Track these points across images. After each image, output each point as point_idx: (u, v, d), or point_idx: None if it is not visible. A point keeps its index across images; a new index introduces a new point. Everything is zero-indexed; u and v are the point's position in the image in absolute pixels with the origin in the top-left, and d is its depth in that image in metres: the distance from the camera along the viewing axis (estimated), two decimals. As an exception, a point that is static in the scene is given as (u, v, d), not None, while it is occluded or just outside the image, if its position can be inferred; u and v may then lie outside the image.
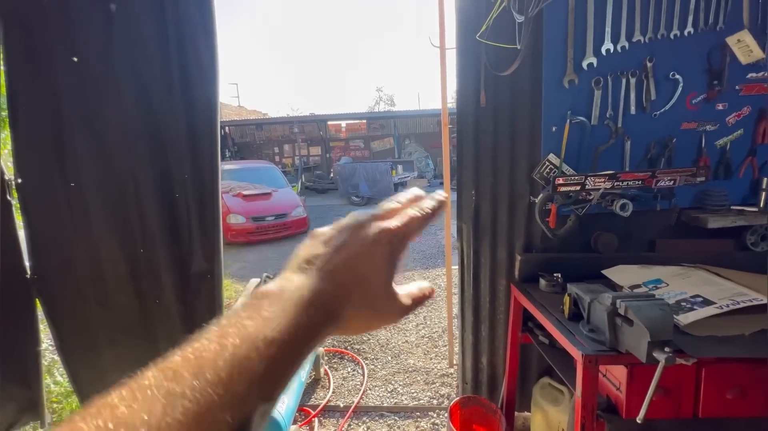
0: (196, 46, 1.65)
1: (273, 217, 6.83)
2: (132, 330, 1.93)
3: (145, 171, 1.76)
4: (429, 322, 3.46)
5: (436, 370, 2.70)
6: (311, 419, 2.24)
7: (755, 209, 1.60)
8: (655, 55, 1.57)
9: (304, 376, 2.12)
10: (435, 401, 2.37)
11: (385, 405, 2.37)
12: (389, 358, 2.90)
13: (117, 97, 1.71)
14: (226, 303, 3.45)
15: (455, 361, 2.38)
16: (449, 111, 2.07)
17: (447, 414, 1.84)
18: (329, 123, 15.76)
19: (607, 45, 1.57)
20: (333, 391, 2.52)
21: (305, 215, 7.26)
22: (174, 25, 1.64)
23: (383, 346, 3.08)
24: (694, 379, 1.18)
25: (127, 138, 1.74)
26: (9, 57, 1.63)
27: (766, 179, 1.60)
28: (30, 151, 1.71)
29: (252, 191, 7.29)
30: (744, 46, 1.44)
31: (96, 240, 1.82)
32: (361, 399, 2.43)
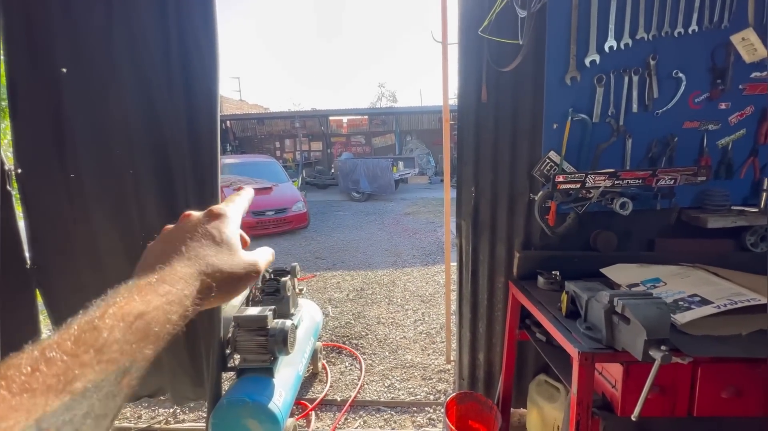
0: (196, 37, 1.64)
1: (273, 212, 6.84)
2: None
3: (145, 163, 1.76)
4: (427, 319, 3.47)
5: (433, 366, 2.71)
6: (308, 412, 2.26)
7: (756, 210, 1.59)
8: (659, 53, 1.56)
9: (301, 370, 2.13)
10: (432, 396, 2.39)
11: (382, 399, 2.38)
12: (387, 353, 2.91)
13: (117, 88, 1.70)
14: None
15: (452, 357, 2.39)
16: (451, 107, 2.06)
17: (443, 410, 1.85)
18: (331, 118, 15.71)
19: (611, 42, 1.56)
20: (330, 385, 2.53)
21: (305, 210, 7.26)
22: (174, 16, 1.63)
23: (381, 342, 3.09)
24: (689, 378, 1.18)
25: (128, 129, 1.73)
26: (9, 47, 1.62)
27: (767, 180, 1.59)
28: (30, 141, 1.71)
29: (252, 185, 7.27)
30: (749, 44, 1.43)
31: (95, 231, 1.82)
32: (359, 393, 2.44)
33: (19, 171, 1.70)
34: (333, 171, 13.35)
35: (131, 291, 0.30)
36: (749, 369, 1.16)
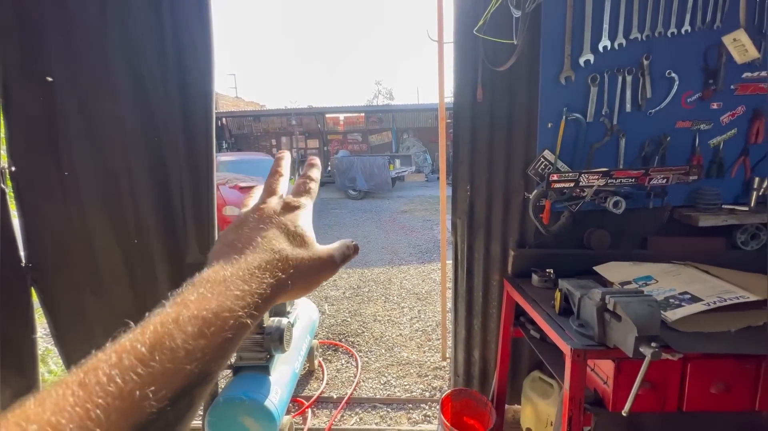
0: (191, 36, 1.63)
1: (270, 210, 6.81)
2: (127, 320, 1.93)
3: (140, 162, 1.76)
4: (423, 316, 3.48)
5: (429, 363, 2.73)
6: (305, 410, 2.27)
7: (746, 208, 1.62)
8: (652, 53, 1.58)
9: (298, 368, 2.14)
10: (427, 393, 2.40)
11: (378, 396, 2.39)
12: (383, 351, 2.93)
13: (111, 85, 1.69)
14: None
15: (448, 354, 2.41)
16: (447, 106, 2.07)
17: (438, 407, 1.87)
18: (327, 116, 15.66)
19: (605, 42, 1.57)
20: (327, 383, 2.54)
21: (302, 208, 7.24)
22: (169, 15, 1.62)
23: (377, 339, 3.11)
24: (679, 374, 1.20)
25: (122, 127, 1.73)
26: (1, 45, 1.61)
27: (757, 179, 1.62)
28: (23, 139, 1.70)
29: (248, 183, 7.25)
30: (740, 45, 1.45)
31: (90, 230, 1.81)
32: (355, 390, 2.45)
33: (13, 169, 1.69)
34: (329, 169, 13.32)
35: (205, 286, 0.28)
36: (737, 365, 1.18)
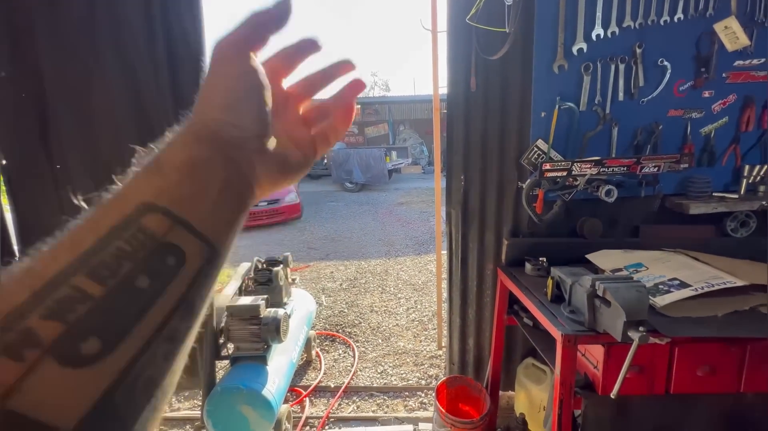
0: (182, 23, 1.62)
1: (266, 203, 6.79)
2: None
3: (132, 152, 1.74)
4: (419, 306, 3.52)
5: (425, 352, 2.76)
6: (302, 399, 2.30)
7: (736, 196, 1.64)
8: (645, 41, 1.58)
9: (295, 358, 2.16)
10: (423, 381, 2.44)
11: (375, 385, 2.43)
12: (380, 341, 2.96)
13: (102, 76, 1.67)
14: (218, 288, 3.43)
15: (444, 343, 2.44)
16: (441, 96, 2.07)
17: (434, 394, 1.90)
18: (323, 108, 15.54)
19: (598, 30, 1.57)
20: (324, 372, 2.57)
21: (298, 201, 7.23)
22: (159, 2, 1.60)
23: (374, 329, 3.14)
24: (667, 358, 1.23)
25: (114, 118, 1.71)
26: (-12, 34, 1.58)
27: (747, 166, 1.63)
28: (13, 132, 1.68)
29: (244, 176, 7.22)
30: (731, 32, 1.45)
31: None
32: (352, 379, 2.48)
33: (4, 162, 1.68)
34: (326, 161, 13.27)
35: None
36: (724, 348, 1.21)
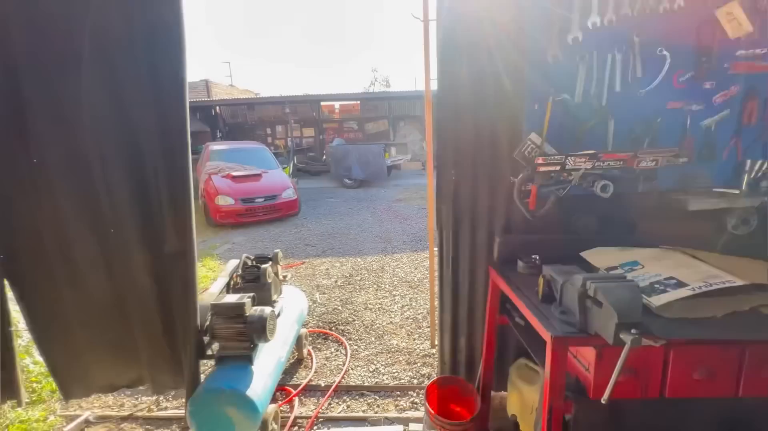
0: (161, 11, 1.55)
1: (263, 199, 6.75)
2: (105, 313, 1.90)
3: (113, 145, 1.69)
4: (414, 304, 3.47)
5: (418, 351, 2.72)
6: (292, 398, 2.26)
7: (737, 192, 1.57)
8: (643, 30, 1.51)
9: (284, 357, 2.12)
10: (416, 380, 2.40)
11: (366, 384, 2.38)
12: (373, 339, 2.91)
13: (78, 69, 1.61)
14: (202, 288, 3.39)
15: (437, 342, 2.39)
16: (434, 90, 2.00)
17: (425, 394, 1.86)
18: (323, 104, 15.44)
19: (594, 18, 1.50)
20: (315, 371, 2.53)
21: (296, 197, 7.18)
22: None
23: (368, 327, 3.09)
24: (662, 360, 1.17)
25: (93, 110, 1.65)
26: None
27: (749, 161, 1.57)
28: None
29: (241, 172, 7.18)
30: (733, 18, 1.38)
31: (64, 220, 1.76)
32: (343, 378, 2.44)
33: (-21, 156, 1.62)
34: (325, 157, 13.20)
35: None
36: (722, 350, 1.15)
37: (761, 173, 1.55)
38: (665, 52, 1.52)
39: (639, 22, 1.50)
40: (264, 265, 2.22)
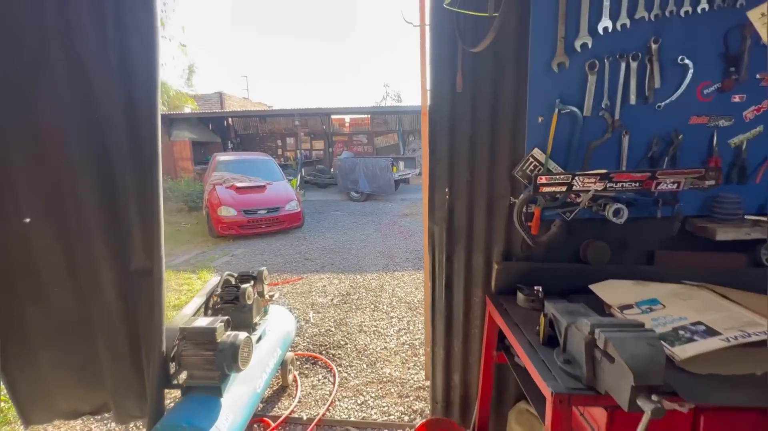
0: (134, 14, 1.45)
1: (265, 211, 6.66)
2: (69, 333, 1.77)
3: (81, 153, 1.58)
4: (412, 328, 3.25)
5: (412, 382, 2.50)
6: (270, 432, 2.06)
7: (773, 220, 1.37)
8: (662, 36, 1.34)
9: (260, 387, 1.93)
10: (407, 417, 2.18)
11: (352, 419, 2.18)
12: (364, 366, 2.71)
13: (48, 74, 1.52)
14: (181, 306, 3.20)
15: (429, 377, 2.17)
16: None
17: (411, 438, 1.65)
18: (333, 117, 15.52)
19: (605, 22, 1.34)
20: (299, 400, 2.33)
21: (299, 209, 7.07)
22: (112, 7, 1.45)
23: (360, 352, 2.89)
24: (690, 427, 0.96)
25: (62, 114, 1.55)
26: None
27: (787, 185, 1.36)
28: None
29: (245, 183, 7.12)
30: (769, 22, 1.21)
31: (28, 231, 1.64)
32: (328, 411, 2.24)
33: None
34: (333, 170, 13.17)
35: None
36: (763, 418, 0.94)
37: (802, 199, 1.35)
38: (687, 60, 1.35)
39: (657, 26, 1.33)
40: (244, 285, 2.07)
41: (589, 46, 1.36)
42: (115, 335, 1.73)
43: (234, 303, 2.04)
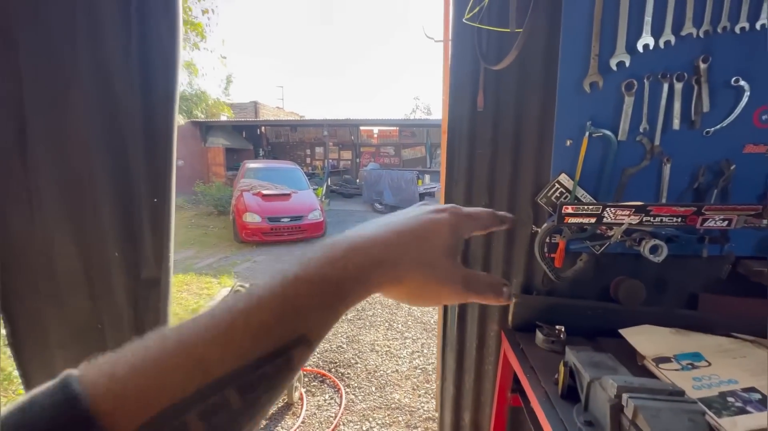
0: (157, 25, 1.48)
1: (289, 219, 6.74)
2: (83, 335, 1.79)
3: (103, 163, 1.61)
4: (426, 351, 3.11)
5: (421, 411, 2.36)
6: (269, 453, 1.99)
7: None
8: (713, 54, 1.20)
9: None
10: (413, 451, 2.05)
11: (355, 447, 2.07)
12: (373, 389, 2.60)
13: (79, 85, 1.57)
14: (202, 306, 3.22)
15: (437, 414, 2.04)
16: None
17: (413, 480, 1.52)
18: (362, 128, 15.71)
19: (646, 39, 1.22)
20: (303, 421, 2.26)
21: (322, 219, 7.11)
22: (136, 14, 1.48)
23: (370, 373, 2.78)
24: None
25: (88, 125, 1.59)
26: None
27: None
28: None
29: (272, 191, 7.26)
30: None
31: (51, 235, 1.69)
32: (331, 436, 2.15)
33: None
34: (359, 180, 13.26)
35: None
36: None
37: None
38: (743, 82, 1.20)
39: (707, 44, 1.19)
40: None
41: (627, 64, 1.24)
42: (124, 341, 1.73)
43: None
